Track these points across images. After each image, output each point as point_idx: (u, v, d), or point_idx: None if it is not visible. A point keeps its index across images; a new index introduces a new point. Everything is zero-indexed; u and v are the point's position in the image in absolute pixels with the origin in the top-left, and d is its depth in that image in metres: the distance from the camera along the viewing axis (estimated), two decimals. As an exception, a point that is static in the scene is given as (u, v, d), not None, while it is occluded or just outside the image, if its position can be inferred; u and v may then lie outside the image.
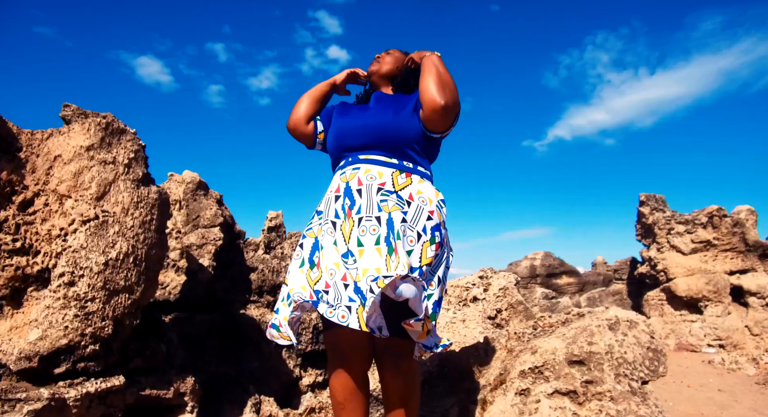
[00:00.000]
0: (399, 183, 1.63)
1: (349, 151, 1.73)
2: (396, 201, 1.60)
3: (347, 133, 1.74)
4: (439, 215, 1.62)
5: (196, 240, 3.94)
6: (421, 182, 1.66)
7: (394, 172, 1.65)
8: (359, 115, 1.78)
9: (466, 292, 2.44)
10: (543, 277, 11.99)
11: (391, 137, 1.65)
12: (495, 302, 2.44)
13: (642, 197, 8.81)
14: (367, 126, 1.70)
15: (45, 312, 2.19)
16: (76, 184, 2.33)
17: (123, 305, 2.35)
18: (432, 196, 1.65)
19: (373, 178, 1.63)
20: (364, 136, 1.70)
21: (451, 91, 1.62)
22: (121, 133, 2.51)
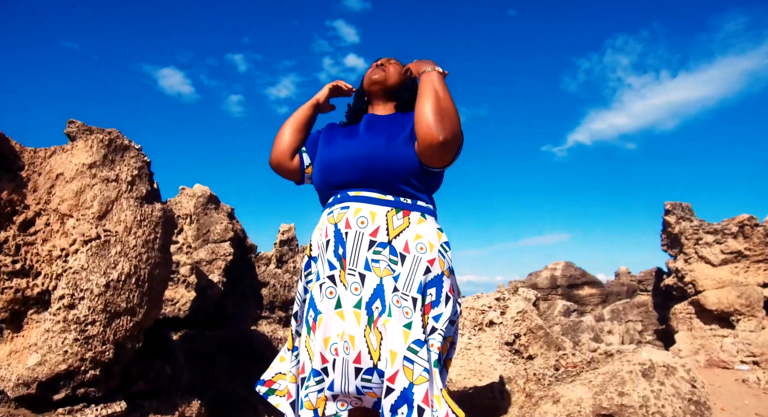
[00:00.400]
0: (395, 226, 1.39)
1: (338, 188, 1.49)
2: (389, 259, 1.36)
3: (334, 167, 1.50)
4: (441, 263, 1.38)
5: (206, 255, 3.88)
6: (420, 222, 1.42)
7: (390, 211, 1.42)
8: (347, 145, 1.52)
9: (482, 315, 2.28)
10: (564, 287, 11.66)
11: (383, 172, 1.42)
12: (513, 327, 2.28)
13: (667, 206, 8.50)
14: (356, 159, 1.45)
15: (44, 336, 2.12)
16: (77, 203, 2.27)
17: (124, 328, 2.27)
18: (433, 239, 1.40)
19: (364, 223, 1.39)
20: (352, 172, 1.45)
21: (452, 121, 1.35)
22: (125, 149, 2.45)
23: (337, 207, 1.45)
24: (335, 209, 1.45)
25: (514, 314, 2.30)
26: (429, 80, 1.43)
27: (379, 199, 1.42)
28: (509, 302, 2.36)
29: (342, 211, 1.43)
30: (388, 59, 1.77)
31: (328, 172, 1.50)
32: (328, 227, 1.44)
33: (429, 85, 1.41)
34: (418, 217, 1.42)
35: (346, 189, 1.46)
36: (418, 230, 1.39)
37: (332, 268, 1.39)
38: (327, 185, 1.51)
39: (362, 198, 1.43)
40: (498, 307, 2.35)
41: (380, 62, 1.75)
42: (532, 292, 3.89)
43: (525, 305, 2.32)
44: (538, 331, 2.24)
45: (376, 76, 1.68)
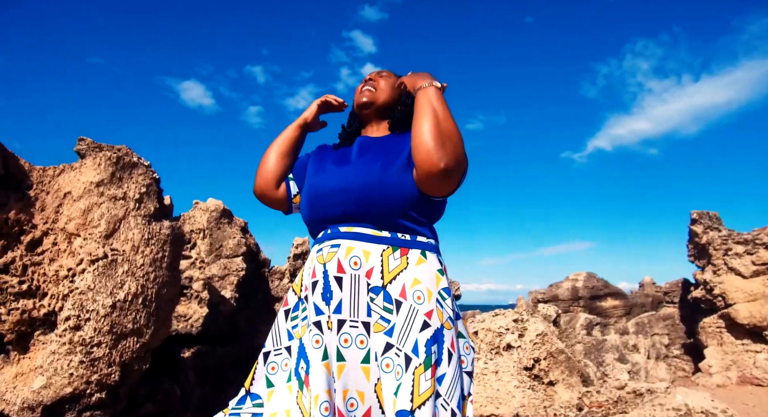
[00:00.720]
0: (390, 268, 1.23)
1: (328, 223, 1.32)
2: (382, 307, 1.20)
3: (323, 200, 1.32)
4: (439, 314, 1.20)
5: (218, 271, 3.84)
6: (420, 263, 1.25)
7: (386, 249, 1.25)
8: (337, 174, 1.34)
9: (499, 338, 2.17)
10: (586, 299, 11.35)
11: (379, 206, 1.24)
12: (532, 350, 2.16)
13: (694, 215, 8.22)
14: (348, 191, 1.28)
15: (50, 358, 2.08)
16: (85, 222, 2.24)
17: (131, 349, 2.22)
18: (431, 284, 1.23)
19: (357, 264, 1.23)
20: (343, 206, 1.28)
21: (454, 145, 1.19)
22: (133, 166, 2.43)
23: (327, 244, 1.28)
24: (325, 247, 1.28)
25: (533, 337, 2.18)
26: (426, 98, 1.26)
27: (373, 235, 1.26)
28: (528, 324, 2.24)
29: (332, 250, 1.26)
30: (378, 72, 1.58)
31: (316, 206, 1.34)
32: (317, 267, 1.27)
33: (426, 103, 1.25)
34: (417, 257, 1.26)
35: (338, 224, 1.30)
36: (417, 273, 1.23)
37: (319, 313, 1.23)
38: (315, 220, 1.35)
39: (355, 234, 1.26)
40: (516, 330, 2.23)
41: (369, 77, 1.55)
42: (553, 308, 3.74)
43: (544, 327, 2.19)
44: (559, 356, 2.11)
45: (364, 99, 1.48)
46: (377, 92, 1.49)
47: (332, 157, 1.45)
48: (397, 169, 1.26)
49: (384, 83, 1.51)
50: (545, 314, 3.59)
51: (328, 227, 1.31)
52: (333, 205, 1.30)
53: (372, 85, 1.51)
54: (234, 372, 3.85)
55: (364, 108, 1.49)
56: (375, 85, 1.51)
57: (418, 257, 1.25)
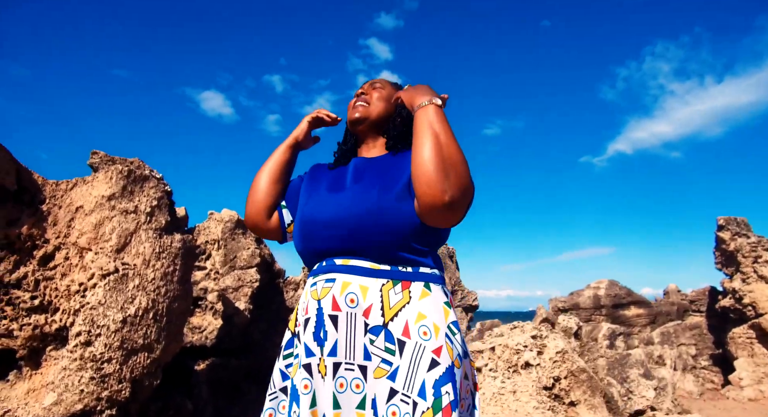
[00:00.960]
0: (391, 304, 1.11)
1: (322, 256, 1.21)
2: (384, 348, 1.09)
3: (315, 231, 1.20)
4: (449, 351, 1.08)
5: (232, 283, 3.82)
6: (424, 296, 1.13)
7: (385, 283, 1.13)
8: (331, 202, 1.22)
9: (517, 355, 2.08)
10: (608, 307, 11.07)
11: (376, 238, 1.13)
12: (552, 369, 2.06)
13: (720, 221, 7.96)
14: (342, 222, 1.16)
15: (61, 374, 2.07)
16: (96, 236, 2.23)
17: (141, 365, 2.20)
18: (439, 318, 1.11)
19: (354, 301, 1.11)
20: (338, 238, 1.16)
21: (459, 175, 1.07)
22: (144, 180, 2.42)
23: (321, 278, 1.17)
24: (319, 281, 1.17)
25: (553, 354, 2.08)
26: (425, 119, 1.13)
27: (372, 269, 1.14)
28: (547, 340, 2.14)
29: (327, 285, 1.15)
30: (371, 83, 1.44)
31: (308, 237, 1.22)
32: (310, 303, 1.16)
33: (426, 126, 1.11)
34: (420, 290, 1.14)
35: (333, 256, 1.18)
36: (421, 308, 1.11)
37: (309, 355, 1.13)
38: (308, 252, 1.23)
39: (351, 268, 1.15)
40: (534, 347, 2.13)
41: (361, 90, 1.43)
42: (573, 320, 3.62)
43: (564, 344, 2.09)
44: (581, 375, 2.01)
45: (356, 115, 1.36)
46: (370, 107, 1.37)
47: (327, 180, 1.34)
48: (395, 196, 1.15)
49: (377, 96, 1.39)
50: (565, 326, 3.48)
51: (323, 259, 1.20)
52: (326, 238, 1.18)
53: (364, 99, 1.39)
54: (248, 384, 3.82)
55: (356, 125, 1.37)
56: (367, 99, 1.39)
57: (421, 290, 1.14)
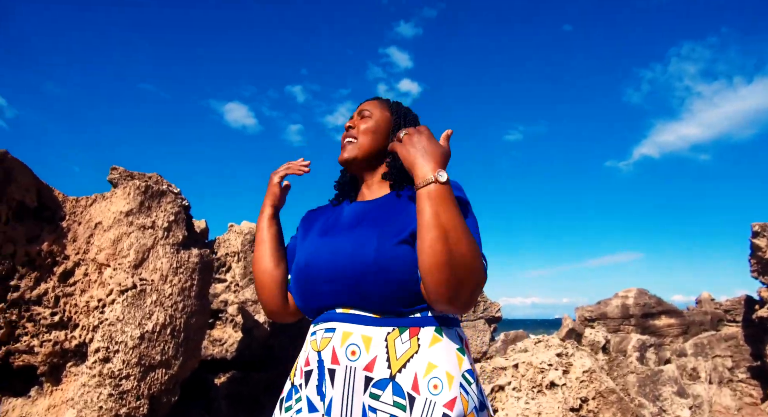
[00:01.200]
0: (398, 354, 1.00)
1: (321, 311, 1.11)
2: (392, 403, 0.97)
3: (310, 287, 1.10)
4: (464, 402, 0.97)
5: (252, 295, 3.81)
6: (434, 343, 1.01)
7: (391, 332, 1.01)
8: (325, 250, 1.11)
9: (541, 375, 1.98)
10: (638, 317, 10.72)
11: (377, 292, 1.01)
12: (579, 389, 1.96)
13: (756, 227, 7.64)
14: (338, 277, 1.05)
15: (81, 390, 2.07)
16: (114, 252, 2.24)
17: (159, 382, 2.19)
18: (452, 367, 1.00)
19: (356, 354, 1.01)
20: (335, 295, 1.06)
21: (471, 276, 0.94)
22: (162, 195, 2.43)
23: (321, 328, 1.07)
24: (319, 331, 1.08)
25: (580, 374, 1.97)
26: (430, 207, 0.94)
27: (374, 318, 1.03)
28: (573, 359, 2.04)
29: (326, 335, 1.05)
30: (360, 112, 1.28)
31: (305, 295, 1.12)
32: (311, 354, 1.07)
33: (431, 217, 0.94)
34: (430, 335, 1.02)
35: (333, 308, 1.08)
36: (431, 357, 0.99)
37: (312, 410, 1.04)
38: (308, 310, 1.14)
39: (353, 317, 1.04)
40: (560, 365, 2.03)
41: (349, 123, 1.27)
42: (601, 334, 3.49)
43: (591, 363, 1.99)
44: (610, 396, 1.90)
45: (345, 155, 1.22)
46: (358, 142, 1.22)
47: (320, 224, 1.23)
48: (397, 243, 1.03)
49: (364, 128, 1.24)
50: (592, 340, 3.35)
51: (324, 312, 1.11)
52: (322, 294, 1.08)
53: (351, 135, 1.24)
54: (268, 397, 3.79)
55: (347, 166, 1.25)
56: (355, 134, 1.24)
57: (431, 336, 1.02)
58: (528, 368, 2.02)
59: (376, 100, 1.31)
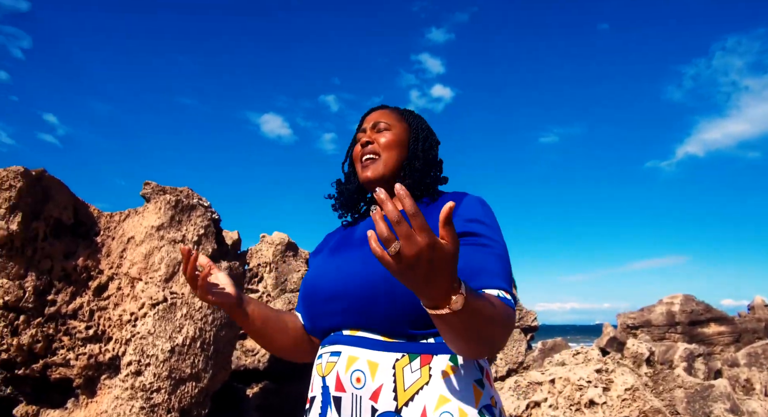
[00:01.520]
0: (406, 384, 0.89)
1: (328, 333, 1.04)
2: None
3: (316, 308, 1.03)
4: None
5: (283, 305, 3.83)
6: (449, 373, 0.90)
7: (400, 359, 0.91)
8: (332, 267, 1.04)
9: (580, 392, 1.87)
10: (684, 325, 10.21)
11: (386, 314, 0.92)
12: (621, 408, 1.84)
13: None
14: (344, 293, 0.97)
15: (114, 403, 2.11)
16: (146, 266, 2.28)
17: (189, 395, 2.21)
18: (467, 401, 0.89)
19: (361, 381, 0.91)
20: (340, 315, 0.98)
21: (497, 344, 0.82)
22: (191, 209, 2.46)
23: (327, 352, 1.00)
24: (324, 354, 1.00)
25: (622, 392, 1.85)
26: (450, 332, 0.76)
27: (383, 342, 0.94)
28: (614, 375, 1.92)
29: (331, 359, 0.97)
30: (374, 124, 1.17)
31: (312, 314, 1.05)
32: (315, 380, 1.01)
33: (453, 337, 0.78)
34: (444, 365, 0.91)
35: (340, 329, 1.01)
36: (444, 389, 0.88)
37: None
38: (316, 331, 1.07)
39: (359, 340, 0.96)
40: (600, 382, 1.91)
41: (366, 138, 1.15)
42: (645, 345, 3.32)
43: (634, 380, 1.86)
44: (655, 416, 1.78)
45: (368, 175, 1.12)
46: (383, 159, 1.12)
47: (333, 242, 1.16)
48: None
49: (385, 142, 1.13)
50: (635, 352, 3.19)
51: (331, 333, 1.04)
52: (329, 314, 1.01)
53: (372, 150, 1.13)
54: (299, 409, 3.79)
55: (370, 185, 1.14)
56: (376, 149, 1.14)
57: (446, 365, 0.91)
58: (565, 384, 1.92)
59: (388, 110, 1.22)
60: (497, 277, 0.91)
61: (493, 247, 0.95)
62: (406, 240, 0.62)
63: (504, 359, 5.15)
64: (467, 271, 0.89)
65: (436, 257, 0.64)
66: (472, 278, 0.89)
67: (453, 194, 1.11)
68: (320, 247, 1.24)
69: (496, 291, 0.89)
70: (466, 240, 0.95)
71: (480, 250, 0.94)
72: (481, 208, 1.02)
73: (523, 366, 5.79)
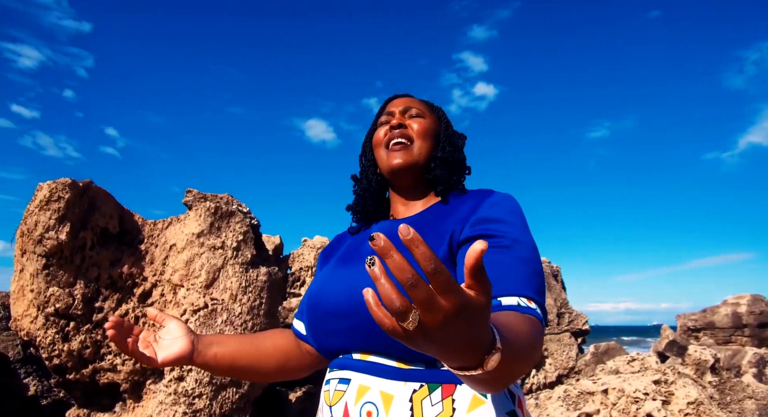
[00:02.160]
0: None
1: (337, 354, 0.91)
2: None
3: (322, 324, 0.91)
4: None
5: (324, 309, 3.83)
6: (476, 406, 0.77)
7: (418, 389, 0.79)
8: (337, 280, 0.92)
9: (636, 405, 1.72)
10: (753, 327, 9.50)
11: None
12: (683, 424, 1.69)
13: None
14: (352, 312, 0.84)
15: (158, 408, 2.15)
16: (187, 273, 2.32)
17: (230, 401, 2.22)
18: None
19: (371, 415, 0.79)
20: (349, 334, 0.86)
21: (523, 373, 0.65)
22: (230, 215, 2.48)
23: (336, 377, 0.88)
24: (332, 380, 0.88)
25: (684, 406, 1.69)
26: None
27: (399, 368, 0.81)
28: (675, 387, 1.75)
29: (340, 388, 0.85)
30: (405, 108, 1.05)
31: (317, 334, 0.93)
32: (323, 409, 0.88)
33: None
34: (470, 395, 0.78)
35: (350, 352, 0.88)
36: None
37: None
38: (323, 351, 0.95)
39: (371, 367, 0.83)
40: (658, 395, 1.75)
41: (397, 120, 1.01)
42: (709, 352, 3.08)
43: (698, 393, 1.69)
44: (722, 434, 1.61)
45: (399, 161, 0.98)
46: (416, 146, 0.99)
47: (342, 248, 1.02)
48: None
49: (418, 129, 1.00)
50: (698, 359, 2.96)
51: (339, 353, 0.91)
52: (335, 335, 0.88)
53: (404, 135, 1.00)
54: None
55: (401, 175, 1.00)
56: (408, 133, 1.00)
57: (471, 398, 0.78)
58: (620, 396, 1.77)
59: (417, 99, 1.09)
60: (517, 282, 0.77)
61: (516, 248, 0.82)
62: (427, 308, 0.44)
63: (554, 364, 4.94)
64: None
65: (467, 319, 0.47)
66: None
67: (478, 192, 0.98)
68: (328, 251, 1.10)
69: (516, 298, 0.74)
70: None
71: (500, 253, 0.80)
72: (504, 205, 0.90)
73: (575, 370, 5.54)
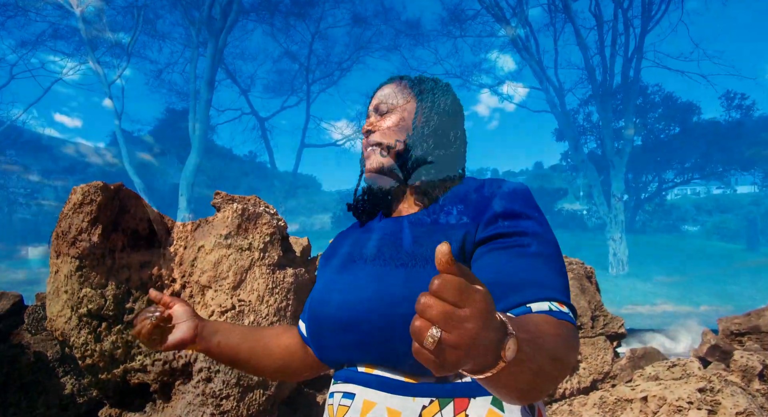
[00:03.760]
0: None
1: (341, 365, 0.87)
2: None
3: (323, 334, 0.86)
4: None
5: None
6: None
7: (428, 405, 0.73)
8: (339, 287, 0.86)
9: (678, 414, 1.62)
10: (803, 332, 8.99)
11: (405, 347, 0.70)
12: (732, 439, 1.58)
13: None
14: (355, 322, 0.79)
15: (187, 409, 2.16)
16: (215, 274, 2.33)
17: (257, 402, 2.21)
18: None
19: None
20: (354, 347, 0.81)
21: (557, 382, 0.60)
22: (257, 217, 2.48)
23: (340, 391, 0.82)
24: (336, 394, 0.83)
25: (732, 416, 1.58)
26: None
27: (406, 383, 0.76)
28: (721, 396, 1.64)
29: (344, 403, 0.80)
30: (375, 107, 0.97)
31: (318, 344, 0.88)
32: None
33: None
34: (485, 411, 0.72)
35: (355, 364, 0.83)
36: None
37: None
38: (326, 362, 0.90)
39: (377, 381, 0.78)
40: (704, 404, 1.64)
41: (368, 126, 0.97)
42: (757, 358, 2.92)
43: (748, 403, 1.58)
44: (778, 451, 1.50)
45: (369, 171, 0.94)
46: (379, 150, 0.94)
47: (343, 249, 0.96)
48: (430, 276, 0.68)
49: (386, 127, 0.93)
50: (745, 365, 2.80)
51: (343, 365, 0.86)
52: (338, 346, 0.83)
53: (372, 141, 0.95)
54: (372, 415, 3.76)
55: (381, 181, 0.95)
56: (377, 139, 0.95)
57: (486, 411, 0.72)
58: (661, 404, 1.67)
59: (394, 85, 0.98)
60: (545, 285, 0.70)
61: (536, 246, 0.75)
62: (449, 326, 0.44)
63: (588, 369, 4.78)
64: (504, 284, 0.69)
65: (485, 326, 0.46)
66: (510, 293, 0.69)
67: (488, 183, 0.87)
68: (331, 252, 1.03)
69: (547, 303, 0.68)
70: (499, 243, 0.75)
71: (519, 254, 0.73)
72: (520, 198, 0.81)
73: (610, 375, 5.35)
